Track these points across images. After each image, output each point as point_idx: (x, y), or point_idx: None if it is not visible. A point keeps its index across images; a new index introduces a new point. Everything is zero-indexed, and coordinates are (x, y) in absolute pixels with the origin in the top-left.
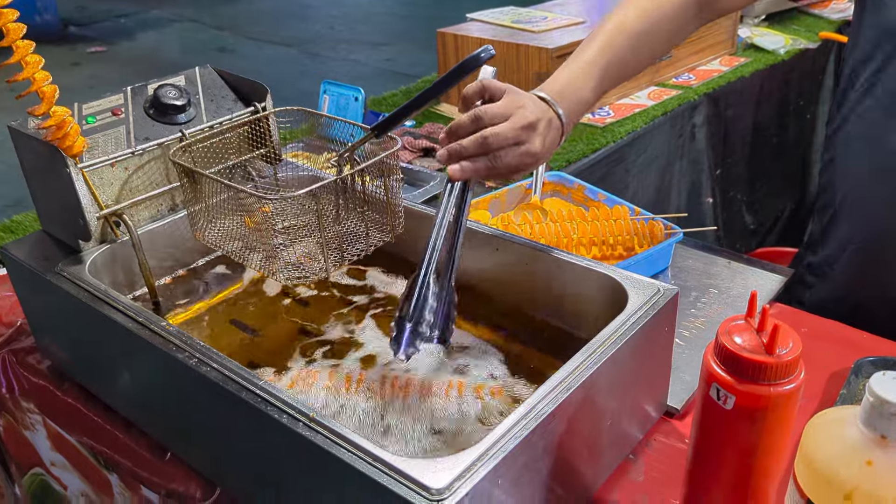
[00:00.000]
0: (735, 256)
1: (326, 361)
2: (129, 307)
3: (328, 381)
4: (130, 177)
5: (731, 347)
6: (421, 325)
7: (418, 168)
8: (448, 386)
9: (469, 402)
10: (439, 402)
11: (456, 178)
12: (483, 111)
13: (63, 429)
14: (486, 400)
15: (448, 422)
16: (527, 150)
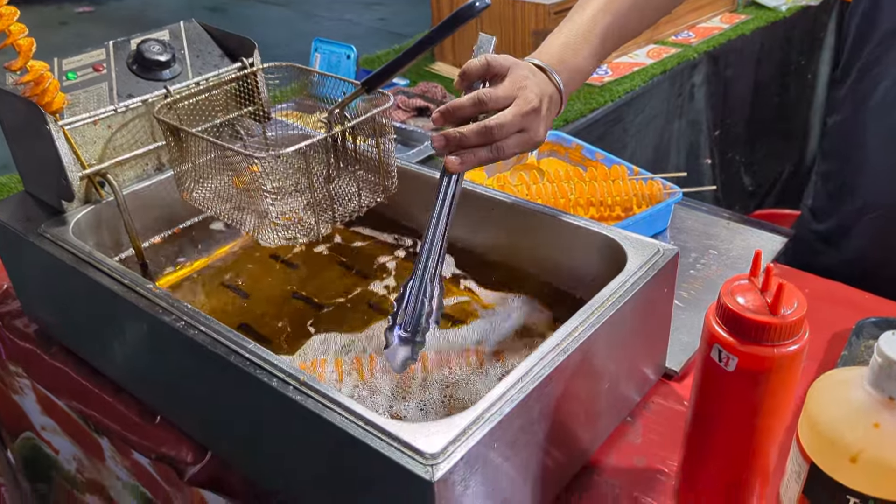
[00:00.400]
0: (735, 217)
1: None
2: (114, 269)
3: (337, 368)
4: (114, 135)
5: (734, 308)
6: (417, 333)
7: (412, 128)
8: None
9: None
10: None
11: (455, 171)
12: (487, 95)
13: (51, 393)
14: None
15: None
16: (530, 137)
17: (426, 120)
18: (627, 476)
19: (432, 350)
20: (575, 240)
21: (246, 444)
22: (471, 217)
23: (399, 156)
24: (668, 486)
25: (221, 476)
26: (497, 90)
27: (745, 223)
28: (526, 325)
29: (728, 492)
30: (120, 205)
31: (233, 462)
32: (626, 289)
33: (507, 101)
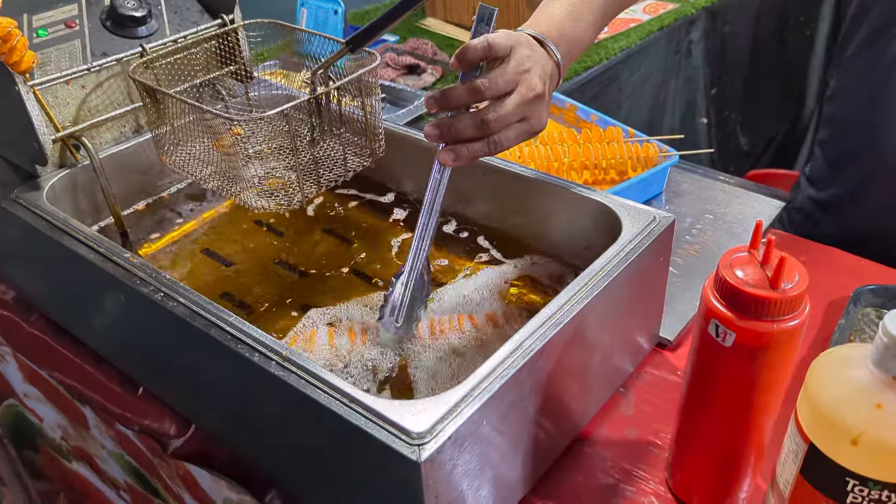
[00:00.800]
0: (732, 180)
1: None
2: (90, 237)
3: (329, 340)
4: (88, 96)
5: (733, 281)
6: (407, 325)
7: (401, 87)
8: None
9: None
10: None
11: (448, 165)
12: (485, 85)
13: (32, 362)
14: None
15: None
16: (531, 126)
17: (416, 78)
18: (619, 448)
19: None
20: (569, 207)
21: (229, 418)
22: (461, 182)
23: (388, 116)
24: (660, 459)
25: (206, 450)
26: (497, 77)
27: (741, 186)
28: (518, 295)
29: (722, 466)
30: (96, 169)
31: (217, 436)
32: (621, 259)
33: (507, 88)
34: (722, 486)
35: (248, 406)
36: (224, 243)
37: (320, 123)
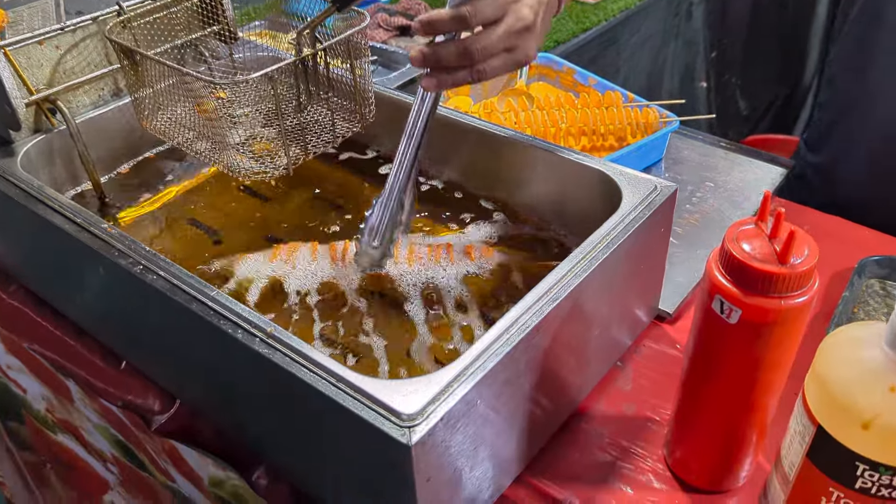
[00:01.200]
0: (733, 146)
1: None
2: (66, 206)
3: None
4: (63, 57)
5: (739, 256)
6: (385, 244)
7: (393, 48)
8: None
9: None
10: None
11: (430, 90)
12: (471, 13)
13: (11, 333)
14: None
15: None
16: (517, 59)
17: (409, 40)
18: (616, 424)
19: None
20: (566, 175)
21: (214, 394)
22: (454, 148)
23: (379, 80)
24: (658, 435)
25: (191, 425)
26: (485, 5)
27: (743, 153)
28: (512, 266)
29: (723, 444)
30: (73, 134)
31: (202, 411)
32: (621, 230)
33: (494, 17)
34: (722, 464)
35: (232, 382)
36: (209, 210)
37: (307, 87)
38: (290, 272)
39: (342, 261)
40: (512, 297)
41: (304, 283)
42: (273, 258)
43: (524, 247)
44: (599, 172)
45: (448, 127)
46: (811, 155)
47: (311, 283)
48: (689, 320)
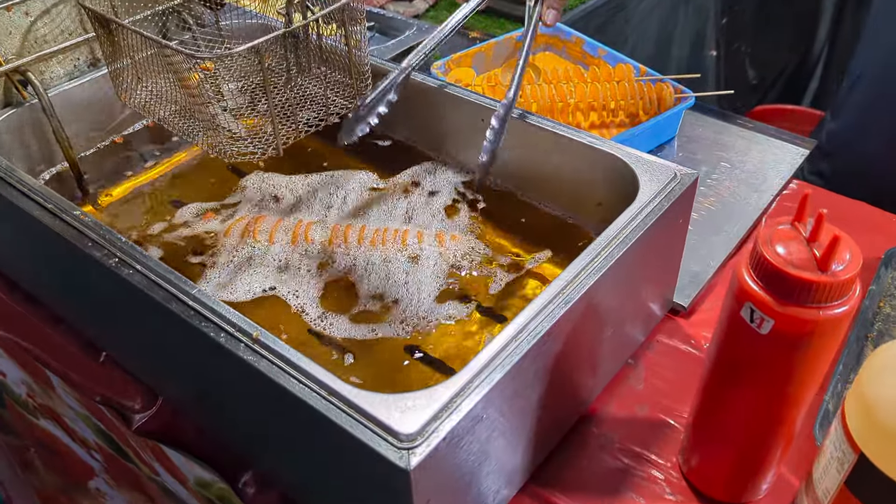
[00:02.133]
0: (750, 124)
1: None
2: (36, 190)
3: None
4: (34, 24)
5: (774, 261)
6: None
7: (391, 14)
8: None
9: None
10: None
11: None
12: None
13: None
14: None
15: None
16: None
17: (407, 4)
18: (628, 428)
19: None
20: (578, 159)
21: (198, 395)
22: (454, 127)
23: (375, 47)
24: (673, 440)
25: (175, 424)
26: None
27: (760, 131)
28: (515, 255)
29: (745, 455)
30: (45, 108)
31: (186, 411)
32: (638, 224)
33: None
34: (743, 475)
35: (216, 386)
36: (194, 191)
37: (298, 59)
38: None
39: (305, 240)
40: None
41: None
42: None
43: (529, 234)
44: (615, 158)
45: (444, 102)
46: (831, 123)
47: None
48: (704, 314)
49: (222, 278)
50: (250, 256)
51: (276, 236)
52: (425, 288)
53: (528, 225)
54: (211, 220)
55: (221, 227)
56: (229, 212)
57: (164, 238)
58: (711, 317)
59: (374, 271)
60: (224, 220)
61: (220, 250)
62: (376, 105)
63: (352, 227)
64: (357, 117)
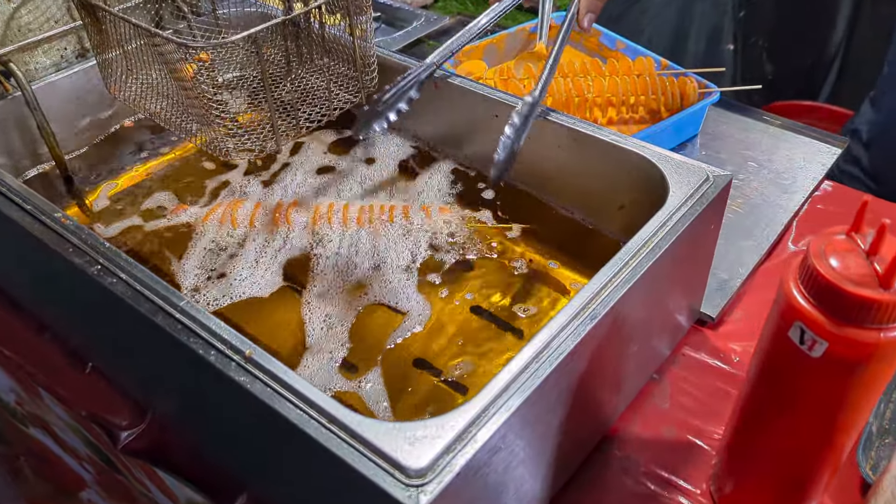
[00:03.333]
0: (777, 121)
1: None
2: (14, 190)
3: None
4: (17, 11)
5: (830, 276)
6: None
7: (398, 4)
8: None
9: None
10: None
11: None
12: None
13: None
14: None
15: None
16: None
17: None
18: (653, 450)
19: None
20: (600, 159)
21: (188, 413)
22: (466, 123)
23: (381, 39)
24: (703, 464)
25: (164, 443)
26: None
27: (788, 129)
28: (534, 261)
29: (786, 485)
30: (29, 101)
31: (175, 429)
32: (668, 231)
33: None
34: None
35: (206, 405)
36: (188, 191)
37: (299, 50)
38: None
39: (286, 222)
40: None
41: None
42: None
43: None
44: (641, 158)
45: (456, 97)
46: (870, 112)
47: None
48: (733, 325)
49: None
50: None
51: (257, 220)
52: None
53: (543, 227)
54: (185, 211)
55: (200, 212)
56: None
57: (147, 228)
58: (741, 328)
59: (360, 248)
60: (202, 206)
61: (201, 237)
62: (396, 101)
63: (334, 205)
64: (374, 111)
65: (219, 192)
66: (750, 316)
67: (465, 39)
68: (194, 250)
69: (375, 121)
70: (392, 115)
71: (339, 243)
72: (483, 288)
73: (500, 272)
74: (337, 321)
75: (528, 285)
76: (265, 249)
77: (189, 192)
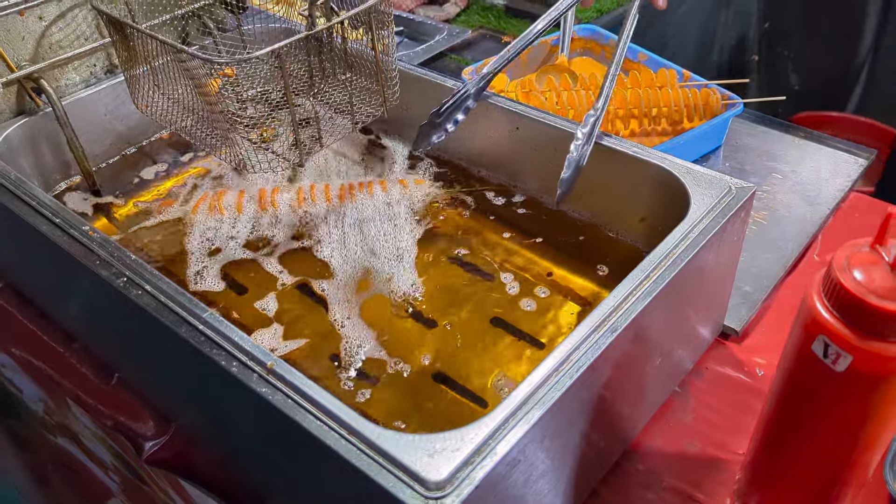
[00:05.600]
0: (802, 132)
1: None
2: (45, 204)
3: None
4: (49, 29)
5: (853, 289)
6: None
7: (420, 18)
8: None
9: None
10: None
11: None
12: None
13: None
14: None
15: None
16: None
17: (437, 9)
18: (676, 464)
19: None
20: (621, 171)
21: (211, 424)
22: (488, 135)
23: (403, 53)
24: (726, 479)
25: (188, 454)
26: None
27: (814, 140)
28: (555, 273)
29: (810, 502)
30: (59, 117)
31: (199, 440)
32: (690, 243)
33: None
34: None
35: (229, 416)
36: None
37: (321, 64)
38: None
39: (272, 205)
40: None
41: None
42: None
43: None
44: (662, 170)
45: (482, 111)
46: None
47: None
48: (757, 338)
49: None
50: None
51: (244, 206)
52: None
53: (563, 238)
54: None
55: (187, 207)
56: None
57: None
58: (765, 341)
59: (346, 225)
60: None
61: (195, 229)
62: (454, 112)
63: (315, 185)
64: (433, 125)
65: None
66: (774, 329)
67: (519, 48)
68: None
69: (434, 133)
70: (450, 127)
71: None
72: (504, 299)
73: (521, 284)
74: (360, 338)
75: (549, 297)
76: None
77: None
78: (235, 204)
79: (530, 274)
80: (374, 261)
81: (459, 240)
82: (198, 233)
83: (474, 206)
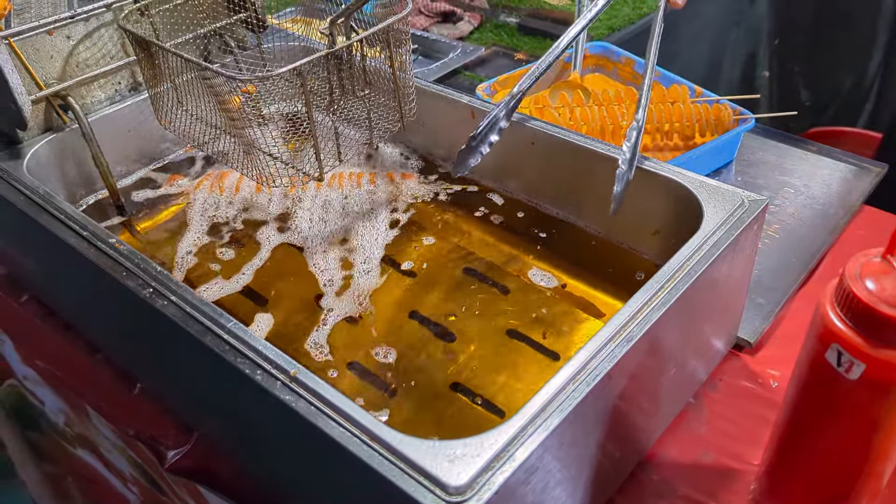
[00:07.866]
0: (814, 147)
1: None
2: (72, 217)
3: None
4: (76, 48)
5: (866, 298)
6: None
7: (435, 36)
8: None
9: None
10: None
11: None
12: None
13: (22, 346)
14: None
15: None
16: None
17: (451, 27)
18: (691, 475)
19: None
20: (634, 185)
21: (234, 433)
22: (503, 150)
23: (419, 70)
24: (741, 489)
25: (210, 463)
26: None
27: (826, 154)
28: (569, 286)
29: None
30: (86, 133)
31: (221, 449)
32: (704, 255)
33: None
34: None
35: (252, 424)
36: (237, 220)
37: (341, 81)
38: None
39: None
40: None
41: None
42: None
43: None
44: (676, 184)
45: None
46: None
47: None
48: (771, 350)
49: None
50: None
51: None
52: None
53: (577, 251)
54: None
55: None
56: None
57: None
58: (779, 353)
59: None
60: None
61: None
62: (488, 133)
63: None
64: (469, 149)
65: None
66: (788, 342)
67: (547, 63)
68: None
69: (471, 157)
70: (485, 149)
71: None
72: (517, 311)
73: (535, 295)
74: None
75: (563, 308)
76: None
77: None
78: (235, 185)
79: (545, 285)
80: (389, 269)
81: (475, 251)
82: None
83: (497, 223)
